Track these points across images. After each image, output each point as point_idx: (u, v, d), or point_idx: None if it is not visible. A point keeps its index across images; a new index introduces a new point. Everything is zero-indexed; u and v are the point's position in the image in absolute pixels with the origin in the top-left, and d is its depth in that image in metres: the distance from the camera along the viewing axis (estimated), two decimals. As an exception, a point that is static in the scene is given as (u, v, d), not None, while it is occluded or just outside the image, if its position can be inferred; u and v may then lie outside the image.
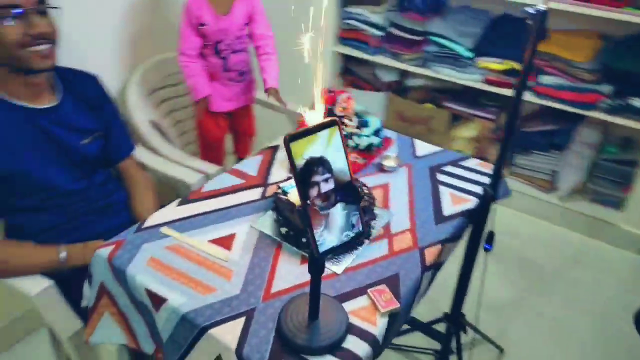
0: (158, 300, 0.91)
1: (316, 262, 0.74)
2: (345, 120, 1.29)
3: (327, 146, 0.68)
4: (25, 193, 1.24)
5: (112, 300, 1.02)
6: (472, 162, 1.36)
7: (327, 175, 0.68)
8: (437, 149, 1.41)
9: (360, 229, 0.73)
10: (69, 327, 1.15)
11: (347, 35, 2.65)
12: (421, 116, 2.66)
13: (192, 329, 0.87)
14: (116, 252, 0.99)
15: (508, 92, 2.28)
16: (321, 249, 0.70)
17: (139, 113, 1.69)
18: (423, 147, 1.41)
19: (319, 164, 0.68)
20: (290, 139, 0.65)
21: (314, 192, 0.67)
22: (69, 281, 1.19)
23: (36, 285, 1.12)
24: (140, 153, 1.55)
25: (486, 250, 1.24)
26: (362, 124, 1.31)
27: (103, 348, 1.20)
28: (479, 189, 1.19)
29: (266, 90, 1.70)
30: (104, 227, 1.33)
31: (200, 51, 1.66)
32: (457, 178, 1.28)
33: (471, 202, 1.20)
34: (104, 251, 1.00)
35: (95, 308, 1.04)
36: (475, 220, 1.21)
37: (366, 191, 1.07)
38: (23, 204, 1.26)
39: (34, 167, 1.23)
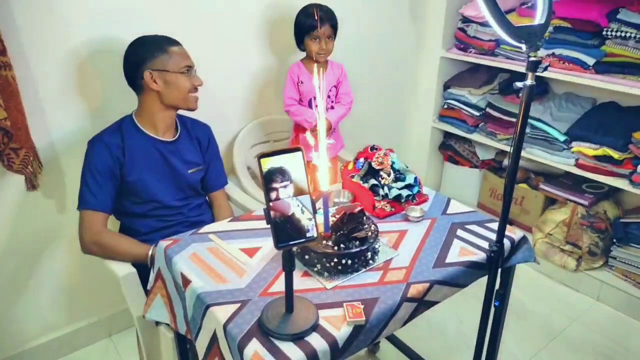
0: (186, 282, 1.18)
1: (286, 256, 0.95)
2: (382, 174, 1.48)
3: (292, 164, 0.91)
4: (138, 202, 1.64)
5: (164, 284, 1.32)
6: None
7: (286, 182, 0.90)
8: (469, 209, 1.50)
9: (315, 235, 0.93)
10: (139, 308, 1.47)
11: (448, 114, 2.84)
12: (514, 196, 2.66)
13: (201, 306, 1.11)
14: (172, 245, 1.31)
15: (601, 178, 2.23)
16: (281, 243, 0.91)
17: (240, 158, 2.09)
18: (456, 207, 1.51)
19: (278, 173, 0.90)
20: (261, 156, 0.89)
21: (273, 195, 0.90)
22: (147, 274, 1.53)
23: (125, 270, 1.47)
24: (231, 188, 1.91)
25: (495, 307, 1.28)
26: (398, 179, 1.49)
27: (163, 334, 1.50)
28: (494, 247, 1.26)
29: None
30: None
31: (298, 103, 2.00)
32: (475, 235, 1.36)
33: (478, 256, 1.27)
34: (165, 244, 1.32)
35: (152, 289, 1.35)
36: (489, 276, 1.27)
37: (372, 227, 1.24)
38: (136, 210, 1.66)
39: (150, 181, 1.62)
